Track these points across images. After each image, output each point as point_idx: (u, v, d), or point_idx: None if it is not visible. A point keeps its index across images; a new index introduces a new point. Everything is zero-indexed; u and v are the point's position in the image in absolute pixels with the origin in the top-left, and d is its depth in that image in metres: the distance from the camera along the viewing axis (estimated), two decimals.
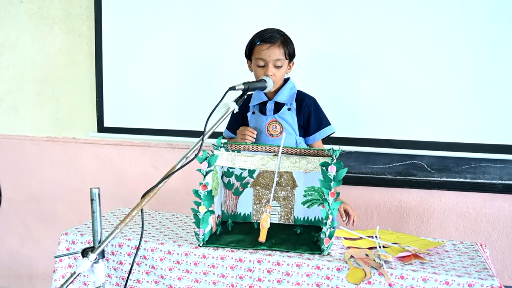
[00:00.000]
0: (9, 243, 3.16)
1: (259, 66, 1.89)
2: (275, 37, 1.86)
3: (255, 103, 1.98)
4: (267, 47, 1.85)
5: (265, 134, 1.95)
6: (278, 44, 1.86)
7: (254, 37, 1.92)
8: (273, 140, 1.93)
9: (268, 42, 1.85)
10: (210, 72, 2.59)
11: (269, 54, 1.85)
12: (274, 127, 1.94)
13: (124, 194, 2.86)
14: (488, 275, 1.40)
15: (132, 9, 2.69)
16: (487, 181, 2.34)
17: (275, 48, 1.85)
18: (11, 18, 2.96)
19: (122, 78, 2.76)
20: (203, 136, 1.49)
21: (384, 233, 1.75)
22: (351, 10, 2.37)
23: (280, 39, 1.87)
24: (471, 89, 2.28)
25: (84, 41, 2.85)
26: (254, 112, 1.98)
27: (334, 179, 1.50)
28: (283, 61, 1.88)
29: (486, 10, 2.23)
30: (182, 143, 2.74)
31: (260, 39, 1.87)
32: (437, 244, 1.63)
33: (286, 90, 1.94)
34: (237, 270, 1.52)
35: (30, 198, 3.08)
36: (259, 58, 1.87)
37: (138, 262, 1.62)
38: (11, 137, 3.06)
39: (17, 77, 3.00)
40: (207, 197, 1.56)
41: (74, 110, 2.93)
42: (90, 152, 2.93)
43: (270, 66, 1.86)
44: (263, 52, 1.86)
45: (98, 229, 1.33)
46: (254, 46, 1.89)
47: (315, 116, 1.95)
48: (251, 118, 1.99)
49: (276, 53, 1.85)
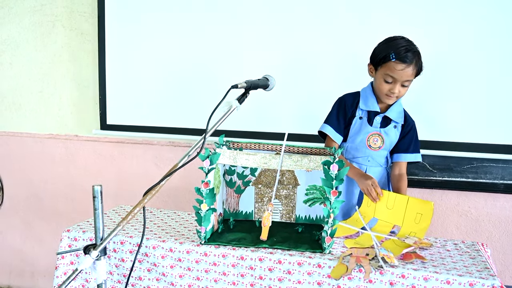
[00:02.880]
0: (11, 240, 3.17)
1: (386, 82, 1.81)
2: (410, 58, 1.77)
3: (365, 109, 1.91)
4: (403, 68, 1.76)
5: (364, 144, 1.91)
6: (413, 65, 1.78)
7: (389, 48, 1.79)
8: (370, 152, 1.91)
9: (404, 63, 1.76)
10: (212, 70, 2.59)
11: (402, 75, 1.78)
12: (375, 140, 1.91)
13: (126, 192, 2.87)
14: (489, 275, 1.40)
15: (135, 6, 2.69)
16: (488, 181, 2.34)
17: (409, 70, 1.77)
18: (13, 15, 2.96)
19: (125, 76, 2.76)
20: (205, 134, 1.49)
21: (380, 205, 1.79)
22: (354, 11, 2.37)
23: (415, 59, 1.79)
24: (473, 89, 2.28)
25: (87, 39, 2.85)
26: (361, 118, 1.93)
27: (336, 177, 1.50)
28: (411, 81, 1.83)
29: (488, 10, 2.22)
30: (184, 141, 2.75)
31: (397, 56, 1.76)
32: (427, 202, 1.72)
33: (397, 107, 1.91)
34: (239, 268, 1.53)
35: (32, 195, 3.08)
36: (391, 75, 1.79)
37: (140, 260, 1.62)
38: (13, 134, 3.07)
39: (20, 74, 3.01)
40: (209, 195, 1.56)
41: (76, 107, 2.94)
42: (92, 149, 2.94)
43: (398, 85, 1.80)
44: (397, 72, 1.77)
45: (100, 227, 1.33)
46: (388, 60, 1.78)
47: (414, 139, 1.95)
48: (356, 122, 1.93)
49: (408, 75, 1.78)
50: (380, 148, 1.91)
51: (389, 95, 1.83)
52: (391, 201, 1.77)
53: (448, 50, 2.29)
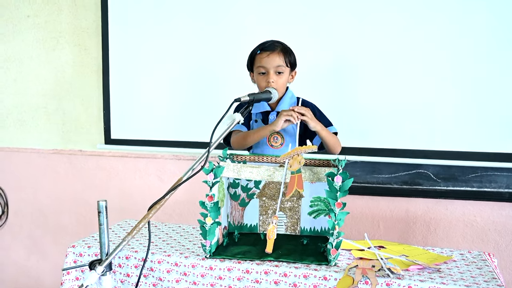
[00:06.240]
0: (15, 256, 3.17)
1: (260, 74, 1.92)
2: (275, 45, 1.92)
3: (257, 111, 1.99)
4: (267, 54, 1.90)
5: (266, 144, 1.96)
6: (278, 51, 1.91)
7: (254, 48, 1.97)
8: (273, 151, 1.95)
9: (269, 50, 1.90)
10: (215, 84, 2.61)
11: (270, 61, 1.89)
12: (275, 138, 1.95)
13: (131, 206, 2.87)
14: (496, 285, 1.39)
15: (139, 22, 2.72)
16: (493, 189, 2.34)
17: (275, 56, 1.90)
18: (18, 32, 3.00)
19: (128, 91, 2.78)
20: (209, 147, 1.50)
21: (390, 245, 1.74)
22: (355, 19, 2.39)
23: (280, 47, 1.92)
24: (476, 98, 2.29)
25: (91, 55, 2.88)
26: (257, 121, 2.00)
27: (340, 189, 1.50)
28: (283, 68, 1.91)
29: (489, 18, 2.24)
30: (187, 154, 2.75)
31: (260, 48, 1.93)
32: (445, 258, 1.61)
33: (286, 100, 1.96)
34: (244, 282, 1.52)
35: (36, 210, 3.09)
36: (260, 66, 1.91)
37: (145, 274, 1.62)
38: (17, 150, 3.08)
39: (24, 90, 3.03)
40: (213, 208, 1.56)
41: (80, 122, 2.95)
42: (97, 164, 2.95)
43: (271, 73, 1.90)
44: (263, 60, 1.90)
45: (105, 242, 1.34)
46: (255, 55, 1.94)
47: (319, 118, 1.94)
48: (253, 127, 2.00)
49: (276, 60, 1.89)
50: (282, 145, 1.94)
51: (268, 86, 1.89)
52: (408, 248, 1.72)
53: (450, 59, 2.30)
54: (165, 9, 2.66)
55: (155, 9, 2.68)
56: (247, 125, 2.01)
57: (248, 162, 1.77)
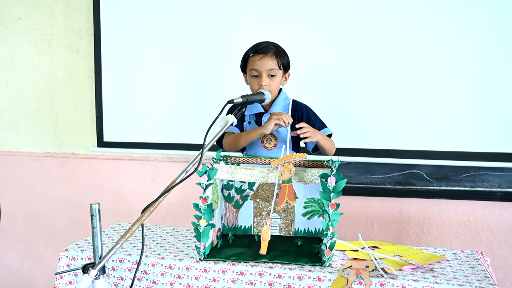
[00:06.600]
0: (8, 259, 3.14)
1: (253, 77, 1.93)
2: (268, 48, 1.91)
3: (250, 113, 1.99)
4: (260, 57, 1.90)
5: (259, 146, 1.96)
6: (271, 54, 1.90)
7: (248, 50, 1.96)
8: (267, 152, 1.94)
9: (261, 53, 1.90)
10: (209, 85, 2.61)
11: (262, 64, 1.89)
12: (269, 140, 1.95)
13: (124, 209, 2.86)
14: (489, 284, 1.40)
15: (131, 24, 2.71)
16: (486, 189, 2.35)
17: (268, 58, 1.89)
18: (9, 34, 2.98)
19: (121, 93, 2.77)
20: (203, 149, 1.50)
21: (384, 245, 1.75)
22: (349, 20, 2.39)
23: (273, 50, 1.92)
24: (469, 98, 2.30)
25: (83, 57, 2.87)
26: (250, 122, 2.00)
27: (334, 190, 1.50)
28: (276, 71, 1.91)
29: (489, 18, 2.25)
30: (181, 156, 2.75)
31: (253, 50, 1.92)
32: (439, 258, 1.62)
33: (280, 101, 1.96)
34: (239, 284, 1.52)
35: (29, 214, 3.07)
36: (253, 68, 1.91)
37: (139, 277, 1.61)
38: (10, 153, 3.07)
39: (16, 93, 3.02)
40: (207, 210, 1.56)
41: (73, 125, 2.94)
42: (90, 167, 2.94)
43: (264, 76, 1.90)
44: (256, 62, 1.90)
45: (98, 245, 1.33)
46: (248, 58, 1.94)
47: (313, 120, 1.95)
48: (246, 128, 2.00)
49: (269, 63, 1.89)
50: (276, 147, 1.94)
51: (260, 88, 1.89)
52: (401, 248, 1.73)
53: (444, 59, 2.31)
54: (158, 11, 2.66)
55: (147, 11, 2.67)
56: (240, 127, 2.01)
57: (241, 163, 1.77)
